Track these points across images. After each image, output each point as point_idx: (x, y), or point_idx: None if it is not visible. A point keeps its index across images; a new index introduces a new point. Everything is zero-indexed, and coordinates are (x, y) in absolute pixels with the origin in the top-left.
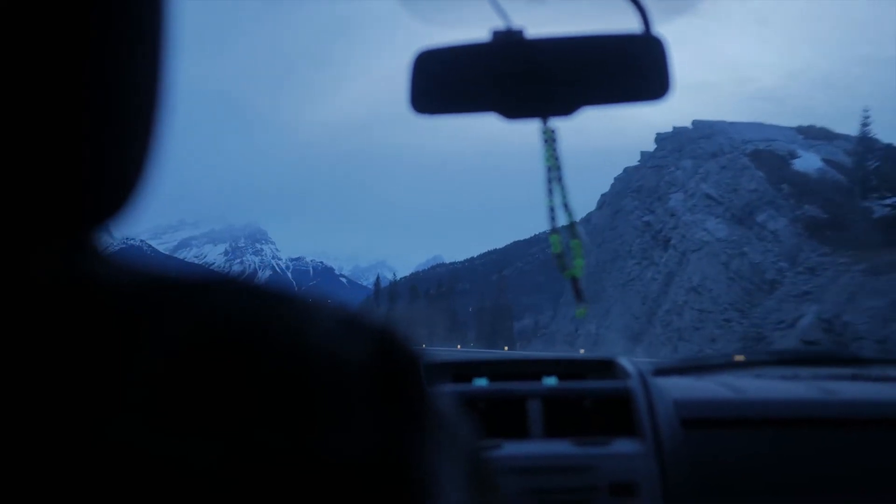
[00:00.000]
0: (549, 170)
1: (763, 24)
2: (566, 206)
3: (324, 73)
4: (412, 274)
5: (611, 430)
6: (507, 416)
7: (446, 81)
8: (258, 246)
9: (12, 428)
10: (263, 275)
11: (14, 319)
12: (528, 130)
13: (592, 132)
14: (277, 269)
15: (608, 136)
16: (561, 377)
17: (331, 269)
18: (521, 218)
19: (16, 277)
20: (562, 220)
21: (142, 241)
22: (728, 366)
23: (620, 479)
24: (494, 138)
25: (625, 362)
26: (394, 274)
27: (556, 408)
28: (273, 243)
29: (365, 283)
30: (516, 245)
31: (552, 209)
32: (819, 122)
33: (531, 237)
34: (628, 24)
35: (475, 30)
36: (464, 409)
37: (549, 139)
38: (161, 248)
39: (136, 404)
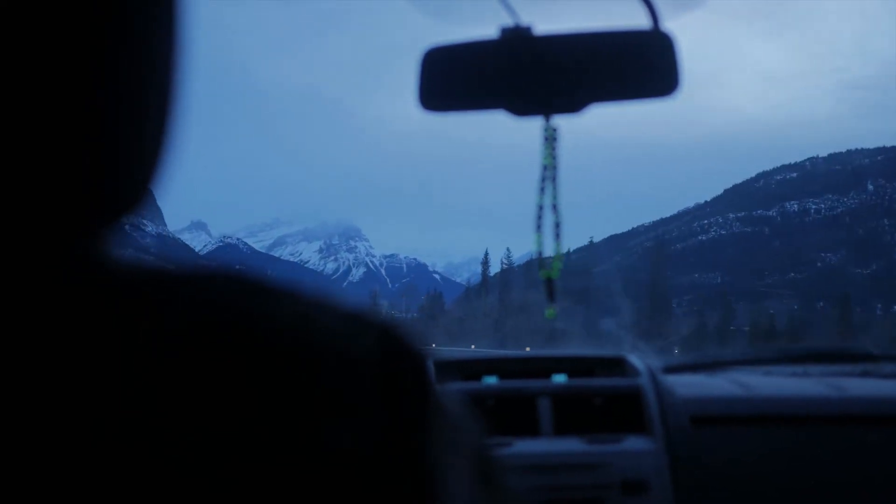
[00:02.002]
0: (545, 168)
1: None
2: (555, 206)
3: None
4: (508, 268)
5: (621, 427)
6: (518, 414)
7: (455, 79)
8: (352, 243)
9: (13, 424)
10: (357, 272)
11: (15, 317)
12: (616, 121)
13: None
14: (371, 265)
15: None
16: (571, 374)
17: (424, 266)
18: (617, 210)
19: (21, 275)
20: (548, 221)
21: (238, 239)
22: (738, 363)
23: (631, 477)
24: (583, 132)
25: (635, 360)
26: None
27: (567, 405)
28: (367, 240)
29: (458, 280)
30: (613, 238)
31: (541, 207)
32: None
33: (629, 230)
34: (637, 20)
35: (483, 27)
36: (473, 407)
37: (551, 137)
38: (257, 246)
39: (137, 400)
